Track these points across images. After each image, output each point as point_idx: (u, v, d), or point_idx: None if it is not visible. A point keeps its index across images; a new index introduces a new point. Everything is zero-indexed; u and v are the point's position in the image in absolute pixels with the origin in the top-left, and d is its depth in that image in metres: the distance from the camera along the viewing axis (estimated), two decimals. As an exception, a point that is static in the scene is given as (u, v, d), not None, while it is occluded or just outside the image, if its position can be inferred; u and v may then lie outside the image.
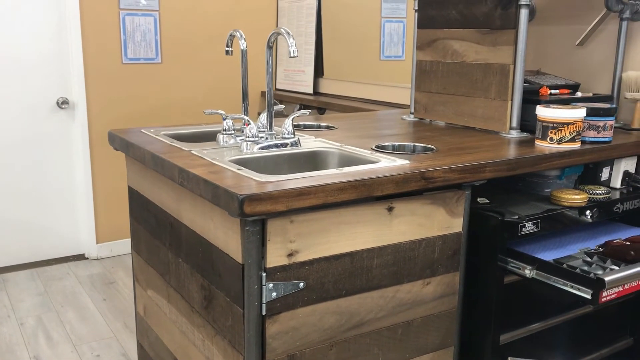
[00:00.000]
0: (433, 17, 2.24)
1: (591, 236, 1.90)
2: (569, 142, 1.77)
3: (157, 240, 1.83)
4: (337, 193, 1.34)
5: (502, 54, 1.98)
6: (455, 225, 1.61)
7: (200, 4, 4.03)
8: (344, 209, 1.41)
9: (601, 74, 2.34)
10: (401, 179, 1.44)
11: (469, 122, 2.14)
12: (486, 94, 2.05)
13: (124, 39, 3.83)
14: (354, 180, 1.37)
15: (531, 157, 1.67)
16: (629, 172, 1.99)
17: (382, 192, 1.42)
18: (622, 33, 2.18)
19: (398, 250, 1.52)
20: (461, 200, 1.61)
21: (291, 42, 1.57)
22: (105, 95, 3.83)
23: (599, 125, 1.83)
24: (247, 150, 1.66)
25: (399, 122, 2.31)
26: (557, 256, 1.70)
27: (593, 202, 1.81)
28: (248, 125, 1.66)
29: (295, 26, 4.17)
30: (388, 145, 1.81)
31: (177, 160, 1.55)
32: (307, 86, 4.10)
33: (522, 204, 1.79)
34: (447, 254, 1.62)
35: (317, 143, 1.81)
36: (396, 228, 1.51)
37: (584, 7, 2.36)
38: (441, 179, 1.51)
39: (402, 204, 1.50)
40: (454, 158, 1.62)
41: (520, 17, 1.91)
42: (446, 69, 2.21)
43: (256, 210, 1.24)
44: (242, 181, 1.33)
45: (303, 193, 1.30)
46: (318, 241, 1.39)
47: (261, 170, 1.65)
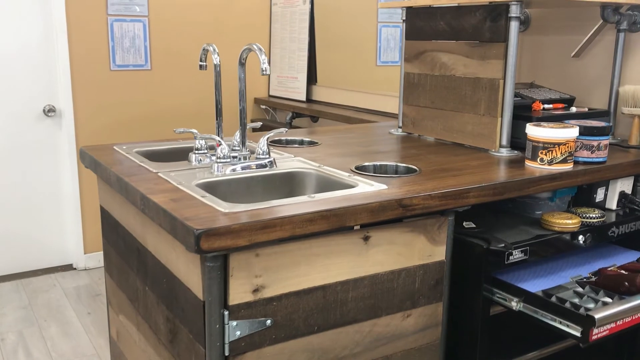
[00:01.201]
0: (421, 28, 2.14)
1: (584, 261, 1.80)
2: (560, 163, 1.67)
3: (126, 264, 1.74)
4: (305, 225, 1.25)
5: (491, 68, 1.88)
6: (437, 253, 1.51)
7: (191, 10, 3.95)
8: (316, 240, 1.32)
9: (598, 87, 2.24)
10: (377, 207, 1.34)
11: (458, 139, 2.04)
12: (475, 110, 1.96)
13: (112, 45, 3.75)
14: (324, 210, 1.27)
15: (518, 181, 1.57)
16: (625, 193, 1.89)
17: (355, 222, 1.32)
18: (619, 45, 2.08)
19: (375, 281, 1.43)
20: (443, 227, 1.51)
21: (263, 58, 1.48)
22: (93, 102, 3.75)
23: (593, 145, 1.73)
24: (217, 172, 1.56)
25: (385, 137, 2.21)
26: (547, 285, 1.60)
27: (586, 226, 1.72)
28: (219, 145, 1.57)
29: (288, 32, 4.08)
30: (369, 166, 1.72)
31: (141, 184, 1.46)
32: (300, 93, 4.01)
33: (510, 228, 1.69)
34: (429, 284, 1.52)
35: (295, 163, 1.71)
36: (373, 258, 1.41)
37: (580, 17, 2.26)
38: (420, 207, 1.41)
39: (379, 232, 1.41)
40: (437, 182, 1.52)
41: (510, 29, 1.81)
42: (435, 83, 2.11)
43: (215, 246, 1.15)
44: (203, 212, 1.24)
45: (268, 226, 1.20)
46: (287, 275, 1.29)
47: (232, 194, 1.56)
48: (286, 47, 4.12)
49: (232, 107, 4.20)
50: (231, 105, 4.20)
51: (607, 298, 1.49)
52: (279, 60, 4.21)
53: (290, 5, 4.05)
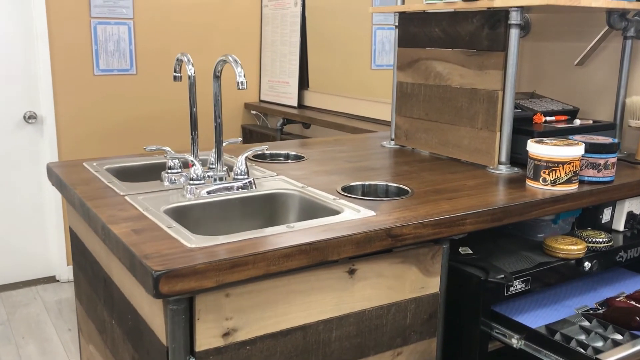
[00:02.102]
0: (415, 35, 2.00)
1: (590, 287, 1.67)
2: (564, 183, 1.54)
3: (94, 293, 1.60)
4: (281, 261, 1.12)
5: (489, 79, 1.75)
6: (431, 285, 1.38)
7: (178, 12, 3.81)
8: (295, 276, 1.18)
9: (603, 98, 2.10)
10: (363, 239, 1.21)
11: (454, 154, 1.91)
12: (472, 123, 1.82)
13: (95, 49, 3.60)
14: (303, 243, 1.14)
15: (519, 205, 1.43)
16: (633, 214, 1.75)
17: (339, 256, 1.19)
18: (626, 53, 1.94)
19: (362, 318, 1.29)
20: (438, 257, 1.38)
21: (239, 71, 1.35)
22: (76, 108, 3.60)
23: (600, 164, 1.59)
24: (190, 196, 1.43)
25: (377, 151, 2.08)
26: (551, 318, 1.47)
27: (593, 251, 1.58)
28: (192, 165, 1.43)
29: (279, 35, 3.95)
30: (357, 186, 1.58)
31: (104, 210, 1.33)
32: (292, 99, 3.87)
33: (511, 254, 1.56)
34: (422, 319, 1.39)
35: (277, 183, 1.58)
36: (359, 293, 1.28)
37: (584, 23, 2.13)
38: (412, 236, 1.28)
39: (367, 264, 1.27)
40: (430, 207, 1.39)
41: (510, 37, 1.68)
42: (429, 93, 1.97)
43: (176, 290, 1.01)
44: (167, 247, 1.10)
45: (238, 264, 1.07)
46: (262, 315, 1.16)
47: (206, 220, 1.42)
48: (277, 51, 3.98)
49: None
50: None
51: (617, 335, 1.36)
52: (270, 64, 4.07)
53: (281, 7, 3.91)
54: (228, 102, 4.12)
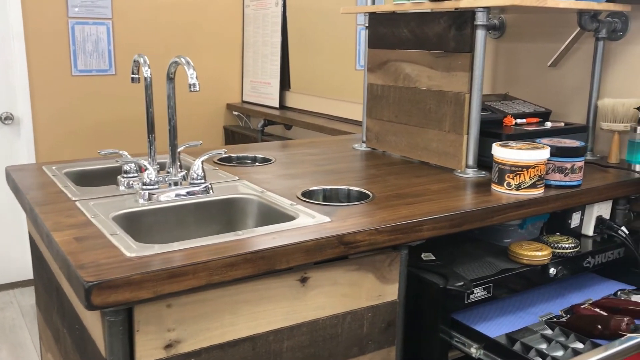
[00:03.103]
0: (384, 36, 1.97)
1: (557, 294, 1.64)
2: (529, 188, 1.51)
3: (50, 301, 1.56)
4: (225, 271, 1.08)
5: (456, 81, 1.72)
6: (388, 293, 1.35)
7: (159, 11, 3.76)
8: (242, 285, 1.15)
9: (577, 99, 2.08)
10: (313, 246, 1.17)
11: (423, 157, 1.87)
12: (440, 126, 1.79)
13: (73, 49, 3.56)
14: (248, 252, 1.10)
15: (480, 211, 1.40)
16: (602, 218, 1.72)
17: (288, 264, 1.15)
18: (598, 54, 1.91)
19: (315, 328, 1.26)
20: (395, 264, 1.34)
21: (191, 73, 1.31)
22: (54, 109, 3.56)
23: (566, 168, 1.56)
24: (143, 201, 1.39)
25: (347, 154, 2.04)
26: (513, 326, 1.44)
27: (559, 257, 1.55)
28: (145, 170, 1.39)
29: (261, 35, 3.91)
30: (317, 191, 1.55)
31: (51, 216, 1.29)
32: (273, 100, 3.83)
33: (475, 260, 1.53)
34: (380, 327, 1.35)
35: (236, 187, 1.54)
36: (312, 302, 1.24)
37: (557, 23, 2.10)
38: (366, 243, 1.24)
39: (320, 272, 1.24)
40: (388, 212, 1.35)
41: (476, 39, 1.64)
42: (398, 95, 1.94)
43: (109, 301, 0.97)
44: (105, 256, 1.06)
45: (177, 274, 1.03)
46: (207, 326, 1.12)
47: (158, 227, 1.39)
48: (259, 51, 3.95)
49: (199, 114, 4.02)
50: (198, 112, 4.02)
51: (579, 343, 1.33)
52: (252, 65, 4.04)
53: (262, 7, 3.88)
54: (210, 103, 4.08)
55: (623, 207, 1.78)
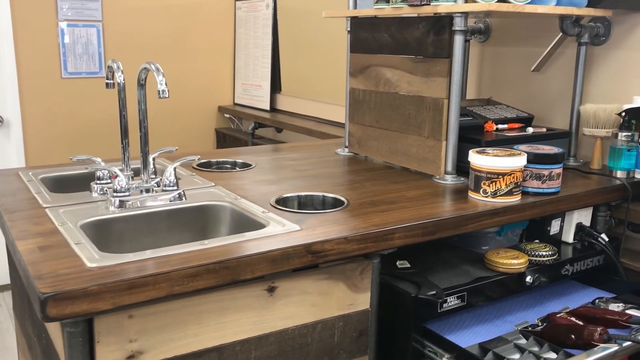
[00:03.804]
0: (365, 41, 1.96)
1: (536, 301, 1.62)
2: (505, 195, 1.49)
3: (22, 308, 1.55)
4: (186, 281, 1.07)
5: (435, 87, 1.70)
6: (360, 301, 1.33)
7: (150, 14, 3.75)
8: (207, 295, 1.13)
9: (561, 104, 2.06)
10: (279, 256, 1.16)
11: (403, 162, 1.86)
12: (419, 132, 1.78)
13: (63, 51, 3.55)
14: (211, 263, 1.09)
15: (453, 219, 1.39)
16: (582, 225, 1.71)
17: (253, 274, 1.14)
18: (581, 59, 1.90)
19: (284, 337, 1.24)
20: (367, 272, 1.33)
21: (160, 79, 1.30)
22: (43, 112, 3.55)
23: (544, 175, 1.55)
24: (113, 208, 1.38)
25: (329, 159, 2.03)
26: (489, 334, 1.42)
27: (536, 265, 1.54)
28: (115, 177, 1.38)
29: (252, 37, 3.90)
30: (292, 197, 1.53)
31: (18, 224, 1.28)
32: (264, 102, 3.82)
33: (451, 268, 1.51)
34: (351, 337, 1.34)
35: (210, 194, 1.53)
36: (281, 311, 1.23)
37: (541, 27, 2.08)
38: (334, 252, 1.23)
39: (288, 282, 1.23)
40: (360, 220, 1.34)
41: (454, 44, 1.63)
42: (379, 100, 1.93)
43: (66, 313, 0.96)
44: (65, 266, 1.05)
45: (136, 285, 1.02)
46: (171, 337, 1.11)
47: (130, 234, 1.37)
48: (250, 54, 3.94)
49: (190, 117, 4.01)
50: (190, 115, 4.00)
51: (552, 354, 1.31)
52: (243, 67, 4.03)
53: (253, 9, 3.86)
54: (201, 105, 4.07)
55: (604, 214, 1.76)
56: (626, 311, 1.47)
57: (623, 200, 1.72)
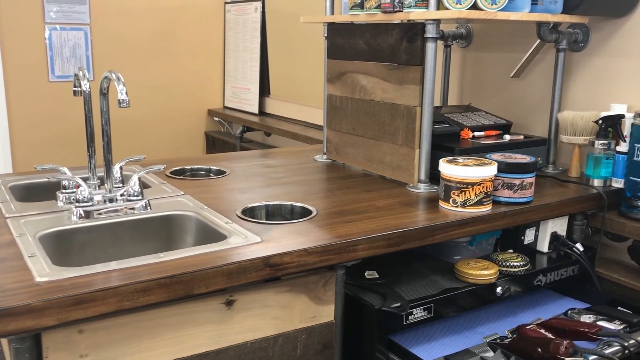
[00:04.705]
0: (341, 47, 1.94)
1: (509, 312, 1.60)
2: (474, 205, 1.47)
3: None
4: (137, 296, 1.05)
5: (408, 94, 1.69)
6: (323, 314, 1.32)
7: (139, 16, 3.74)
8: (162, 309, 1.12)
9: (540, 111, 2.04)
10: (235, 270, 1.14)
11: (378, 170, 1.84)
12: (394, 139, 1.76)
13: (50, 55, 3.54)
14: (163, 277, 1.07)
15: (420, 229, 1.37)
16: (557, 235, 1.69)
17: (207, 289, 1.12)
18: (559, 66, 1.88)
19: (244, 351, 1.23)
20: (331, 284, 1.31)
21: (120, 88, 1.28)
22: (31, 115, 3.54)
23: (515, 184, 1.53)
24: (75, 218, 1.36)
25: (306, 165, 2.01)
26: (457, 347, 1.40)
27: (507, 275, 1.52)
28: (78, 187, 1.37)
29: (241, 40, 3.88)
30: (260, 207, 1.52)
31: (-24, 236, 1.26)
32: (253, 105, 3.81)
33: (421, 278, 1.49)
34: (315, 349, 1.32)
35: (177, 203, 1.51)
36: (240, 325, 1.21)
37: (521, 33, 2.07)
38: (294, 265, 1.21)
39: (247, 295, 1.21)
40: (324, 231, 1.32)
41: (427, 52, 1.61)
42: (355, 107, 1.91)
43: (9, 329, 0.95)
44: (13, 280, 1.03)
45: (84, 301, 1.00)
46: (124, 352, 1.09)
47: (92, 245, 1.36)
48: (239, 57, 3.92)
49: (180, 120, 3.99)
50: (179, 118, 3.99)
51: (517, 367, 1.30)
52: (232, 70, 4.01)
53: (242, 12, 3.85)
54: (191, 108, 4.06)
55: (580, 223, 1.74)
56: (597, 322, 1.45)
57: (599, 209, 1.70)
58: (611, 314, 1.50)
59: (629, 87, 1.79)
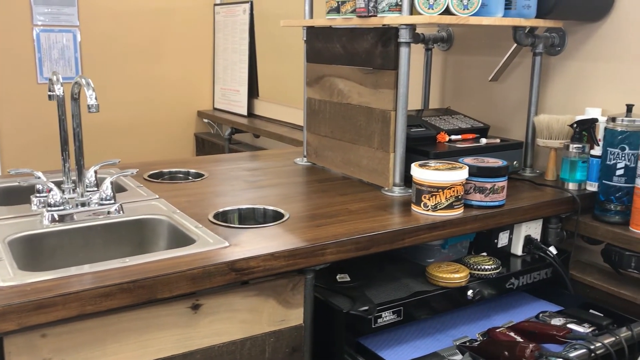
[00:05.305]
0: (320, 51, 1.95)
1: (482, 314, 1.61)
2: (445, 209, 1.48)
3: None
4: (99, 301, 1.06)
5: (383, 98, 1.69)
6: (292, 317, 1.32)
7: (128, 18, 3.75)
8: (126, 314, 1.12)
9: (519, 114, 2.05)
10: (200, 274, 1.15)
11: (355, 173, 1.85)
12: (370, 143, 1.77)
13: (39, 56, 3.54)
14: (125, 282, 1.08)
15: (389, 233, 1.38)
16: (531, 238, 1.70)
17: (171, 293, 1.13)
18: (536, 69, 1.89)
19: (211, 355, 1.24)
20: (299, 288, 1.32)
21: (90, 93, 1.29)
22: (19, 117, 3.54)
23: (487, 188, 1.54)
24: (47, 223, 1.37)
25: (286, 169, 2.02)
26: (426, 349, 1.41)
27: (478, 278, 1.53)
28: (49, 191, 1.37)
29: (230, 42, 3.89)
30: (232, 211, 1.52)
31: (-54, 240, 1.27)
32: (242, 107, 3.82)
33: (392, 281, 1.50)
34: (284, 352, 1.33)
35: (151, 207, 1.52)
36: (207, 328, 1.22)
37: (503, 37, 2.07)
38: (261, 269, 1.22)
39: (214, 299, 1.22)
40: (293, 235, 1.33)
41: (400, 56, 1.62)
42: (333, 110, 1.92)
43: (-32, 334, 0.96)
44: (-24, 286, 1.05)
45: (44, 305, 1.01)
46: (88, 355, 1.10)
47: (64, 249, 1.37)
48: (228, 58, 3.93)
49: (170, 121, 4.00)
50: (169, 120, 4.00)
51: (484, 371, 1.31)
52: (222, 72, 4.02)
53: (231, 14, 3.86)
54: (181, 110, 4.06)
55: (555, 226, 1.75)
56: (567, 325, 1.46)
57: (573, 213, 1.71)
58: (582, 316, 1.51)
59: (604, 91, 1.80)
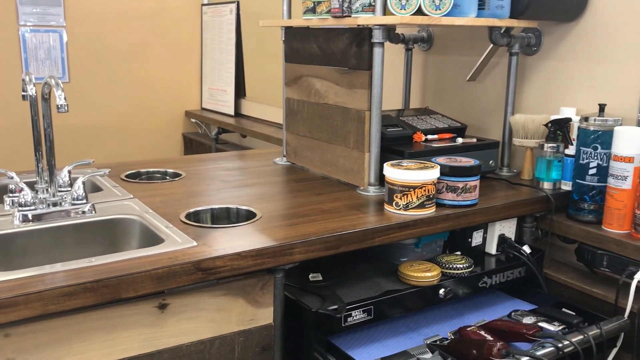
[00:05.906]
0: (297, 51, 1.96)
1: (456, 313, 1.62)
2: (417, 208, 1.49)
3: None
4: (62, 300, 1.06)
5: (358, 98, 1.70)
6: (262, 316, 1.33)
7: (115, 18, 3.74)
8: (91, 313, 1.13)
9: (497, 114, 2.06)
10: (165, 274, 1.16)
11: (332, 173, 1.86)
12: (346, 143, 1.77)
13: (25, 57, 3.54)
14: (89, 282, 1.08)
15: (359, 233, 1.38)
16: (504, 237, 1.71)
17: (136, 293, 1.14)
18: (512, 69, 1.90)
19: (179, 354, 1.24)
20: (269, 287, 1.33)
21: (59, 94, 1.30)
22: (5, 118, 3.54)
23: (459, 187, 1.55)
24: (17, 223, 1.37)
25: (265, 168, 2.03)
26: (397, 348, 1.42)
27: (450, 277, 1.54)
28: (21, 191, 1.38)
29: (217, 42, 3.89)
30: (205, 211, 1.53)
31: None
32: (229, 107, 3.82)
33: (364, 280, 1.51)
34: (254, 351, 1.33)
35: (123, 207, 1.52)
36: (175, 328, 1.23)
37: (476, 37, 2.08)
38: (228, 268, 1.23)
39: (181, 298, 1.22)
40: (263, 235, 1.33)
41: (374, 56, 1.63)
42: (311, 110, 1.92)
43: None
44: (-61, 286, 1.05)
45: (5, 305, 1.01)
46: (53, 355, 1.11)
47: (35, 249, 1.37)
48: (216, 58, 3.93)
49: (158, 121, 4.00)
50: (157, 119, 4.00)
51: (452, 369, 1.31)
52: (209, 72, 4.02)
53: (218, 14, 3.86)
54: (169, 110, 4.06)
55: (530, 225, 1.76)
56: (538, 324, 1.47)
57: (548, 212, 1.72)
58: (553, 315, 1.52)
59: (578, 90, 1.81)
